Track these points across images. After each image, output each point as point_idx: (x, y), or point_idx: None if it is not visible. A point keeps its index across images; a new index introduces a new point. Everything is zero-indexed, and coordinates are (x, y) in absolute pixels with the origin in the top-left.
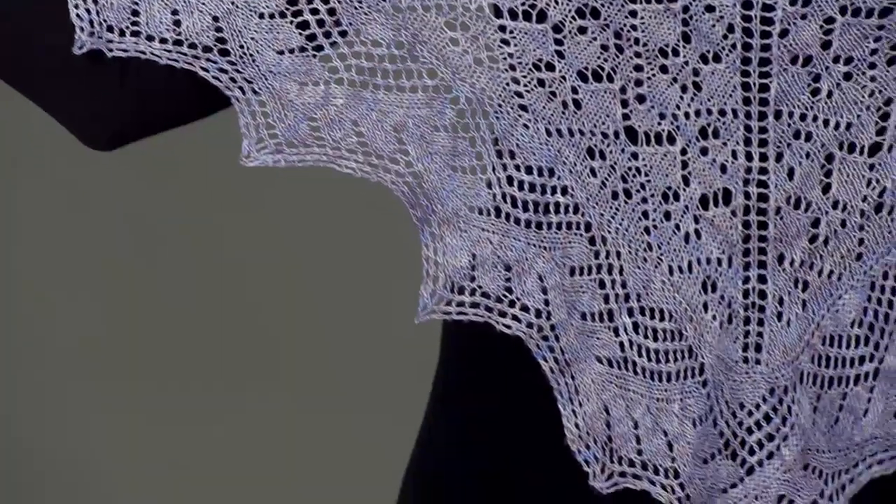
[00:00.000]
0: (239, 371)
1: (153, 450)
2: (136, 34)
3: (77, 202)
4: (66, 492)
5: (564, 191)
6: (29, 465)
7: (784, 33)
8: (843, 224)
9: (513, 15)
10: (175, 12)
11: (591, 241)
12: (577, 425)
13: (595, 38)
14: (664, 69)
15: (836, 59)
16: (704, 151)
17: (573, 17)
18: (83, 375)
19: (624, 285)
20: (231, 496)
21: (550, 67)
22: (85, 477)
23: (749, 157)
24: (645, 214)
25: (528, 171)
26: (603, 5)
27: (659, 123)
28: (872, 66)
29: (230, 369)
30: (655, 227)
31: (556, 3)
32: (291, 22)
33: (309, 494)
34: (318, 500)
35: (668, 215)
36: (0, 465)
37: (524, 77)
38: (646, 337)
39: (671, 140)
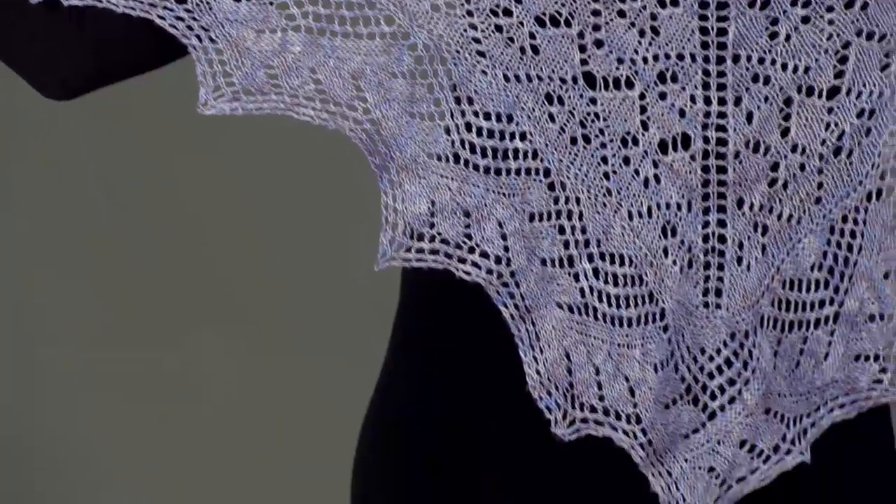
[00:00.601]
0: (193, 310)
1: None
2: None
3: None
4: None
5: (523, 137)
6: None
7: None
8: (802, 168)
9: None
10: None
11: (551, 186)
12: (538, 372)
13: None
14: (622, 14)
15: (793, 3)
16: (663, 96)
17: None
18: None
19: (584, 231)
20: (193, 444)
21: (508, 13)
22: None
23: (708, 101)
24: (604, 160)
25: (487, 117)
26: None
27: (617, 68)
28: (830, 9)
29: (167, 298)
30: (615, 172)
31: None
32: None
33: (267, 442)
34: (277, 447)
35: (627, 160)
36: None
37: (482, 23)
38: (606, 282)
39: (629, 85)
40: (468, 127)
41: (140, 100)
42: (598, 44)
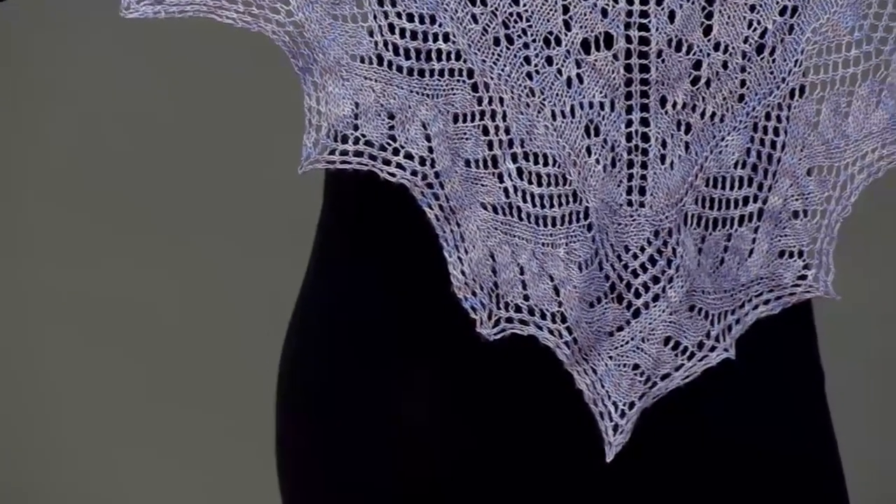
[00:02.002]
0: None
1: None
2: None
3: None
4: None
5: (446, 38)
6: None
7: None
8: (725, 66)
9: None
10: None
11: (474, 87)
12: (462, 272)
13: None
14: None
15: None
16: None
17: None
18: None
19: (507, 131)
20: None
21: None
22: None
23: (630, 0)
24: (527, 60)
25: (410, 18)
26: None
27: None
28: None
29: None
30: (538, 72)
31: None
32: None
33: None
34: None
35: (549, 60)
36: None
37: None
38: (530, 182)
39: None
40: (391, 28)
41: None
42: None
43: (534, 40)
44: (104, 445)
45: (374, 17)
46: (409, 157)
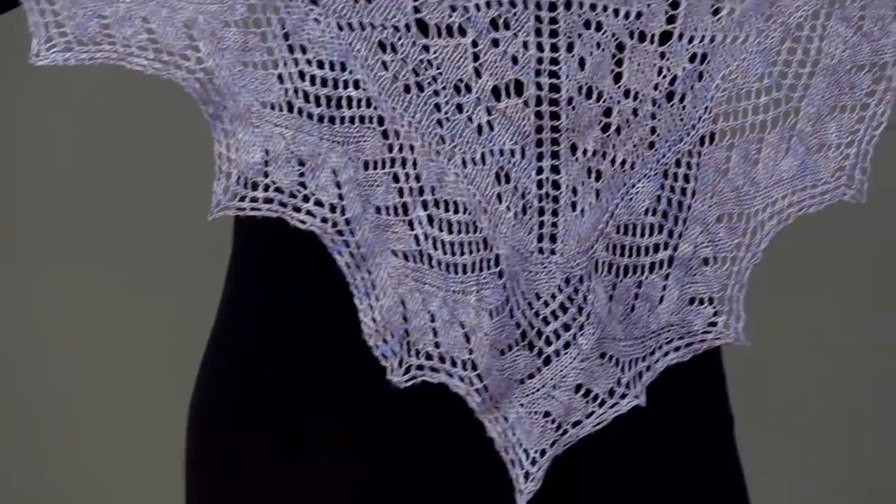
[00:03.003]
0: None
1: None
2: None
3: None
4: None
5: (357, 84)
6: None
7: None
8: (635, 113)
9: None
10: None
11: (385, 134)
12: (373, 319)
13: None
14: None
15: None
16: (496, 43)
17: None
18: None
19: (418, 178)
20: None
21: None
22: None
23: (540, 47)
24: (437, 107)
25: (320, 65)
26: None
27: (450, 15)
28: None
29: None
30: (448, 119)
31: None
32: None
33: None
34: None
35: (460, 107)
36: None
37: None
38: (441, 229)
39: (462, 32)
40: (301, 75)
41: None
42: None
43: (444, 87)
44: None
45: (285, 63)
46: (319, 204)
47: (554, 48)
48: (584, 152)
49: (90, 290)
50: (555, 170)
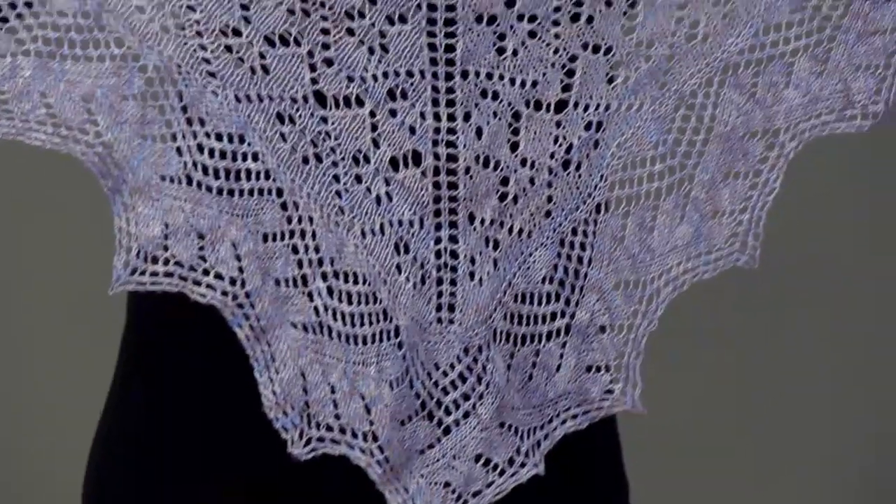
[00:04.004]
0: None
1: None
2: None
3: None
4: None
5: (255, 157)
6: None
7: None
8: (532, 181)
9: None
10: None
11: (284, 206)
12: (273, 392)
13: (281, 3)
14: (351, 32)
15: (520, 18)
16: (393, 113)
17: None
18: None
19: (317, 250)
20: None
21: (237, 33)
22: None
23: (437, 117)
24: (336, 178)
25: (219, 137)
26: None
27: (347, 87)
28: (556, 23)
29: None
30: (347, 190)
31: None
32: None
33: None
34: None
35: (358, 178)
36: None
37: (211, 44)
38: (340, 301)
39: (360, 103)
40: (200, 148)
41: None
42: (328, 62)
43: (342, 158)
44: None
45: (183, 136)
46: (219, 277)
47: (451, 118)
48: (482, 221)
49: None
50: (453, 239)
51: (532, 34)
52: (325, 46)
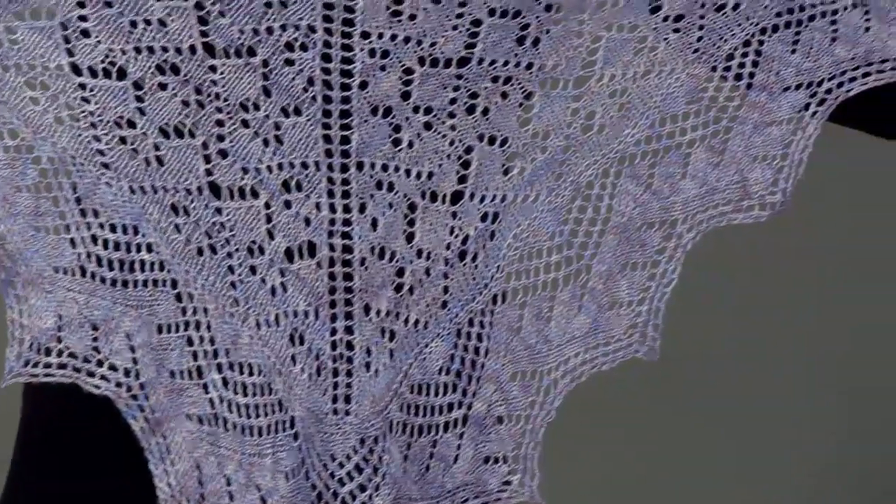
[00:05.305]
0: None
1: None
2: None
3: None
4: None
5: (150, 248)
6: None
7: (363, 85)
8: (428, 272)
9: (93, 73)
10: None
11: (178, 297)
12: (169, 484)
13: (176, 94)
14: (246, 123)
15: (415, 110)
16: (288, 205)
17: (153, 73)
18: None
19: (212, 341)
20: None
21: (132, 124)
22: None
23: (332, 208)
24: (231, 269)
25: (113, 229)
26: (183, 61)
27: (242, 178)
28: (452, 115)
29: None
30: (241, 281)
31: (136, 59)
32: None
33: None
34: None
35: (253, 269)
36: None
37: (106, 135)
38: (236, 392)
39: (255, 194)
40: (94, 239)
41: None
42: (223, 154)
43: (237, 250)
44: None
45: (77, 228)
46: (113, 368)
47: (346, 209)
48: (378, 312)
49: None
50: (348, 330)
51: (428, 126)
52: (220, 138)
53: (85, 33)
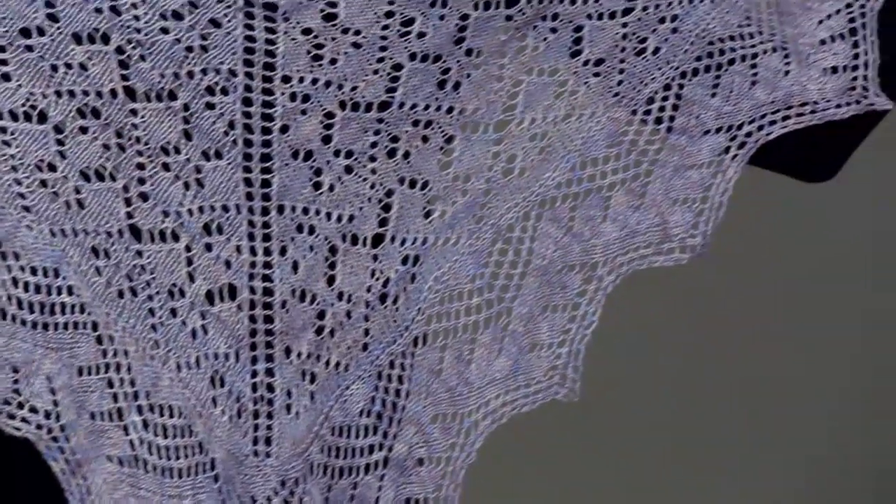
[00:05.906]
0: None
1: None
2: None
3: None
4: None
5: (70, 291)
6: None
7: (284, 129)
8: (349, 315)
9: (13, 116)
10: None
11: (99, 340)
12: None
13: (97, 138)
14: (166, 167)
15: (336, 153)
16: (209, 247)
17: (74, 117)
18: None
19: (133, 383)
20: None
21: (52, 168)
22: None
23: (253, 251)
24: (151, 312)
25: (33, 272)
26: (104, 105)
27: (163, 221)
28: (373, 158)
29: None
30: (162, 324)
31: (57, 103)
32: None
33: None
34: None
35: (174, 312)
36: None
37: (26, 178)
38: (156, 434)
39: (175, 237)
40: (14, 282)
41: None
42: (144, 197)
43: (158, 292)
44: None
45: None
46: (33, 410)
47: (267, 252)
48: (299, 355)
49: None
50: (269, 373)
51: (349, 169)
52: (141, 181)
53: (5, 77)
